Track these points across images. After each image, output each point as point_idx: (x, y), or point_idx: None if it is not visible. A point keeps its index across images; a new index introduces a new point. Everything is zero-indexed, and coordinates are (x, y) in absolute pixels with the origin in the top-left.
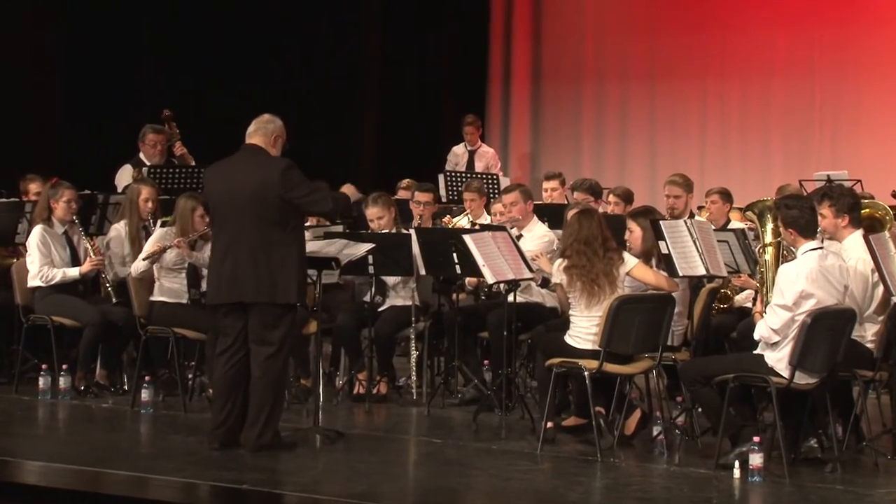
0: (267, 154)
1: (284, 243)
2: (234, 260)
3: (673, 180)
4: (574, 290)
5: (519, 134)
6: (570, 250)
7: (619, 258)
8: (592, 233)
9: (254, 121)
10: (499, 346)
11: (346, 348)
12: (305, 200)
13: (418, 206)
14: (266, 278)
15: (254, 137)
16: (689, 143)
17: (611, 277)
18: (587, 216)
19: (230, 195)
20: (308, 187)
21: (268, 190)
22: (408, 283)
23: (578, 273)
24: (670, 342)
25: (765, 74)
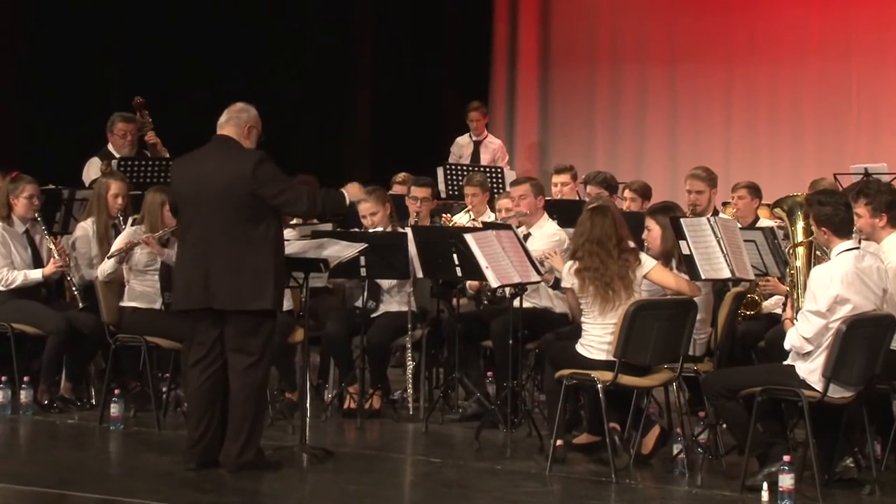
0: (239, 146)
1: (258, 243)
2: (203, 262)
3: (695, 174)
4: (586, 295)
5: (526, 123)
6: (581, 251)
7: (635, 260)
8: (606, 232)
9: (226, 110)
10: (503, 356)
11: (336, 358)
12: (278, 200)
13: (415, 203)
14: (237, 283)
15: (225, 128)
16: (713, 134)
17: (626, 281)
18: (600, 213)
19: (199, 191)
20: (281, 184)
21: (239, 185)
22: (403, 286)
23: (591, 277)
24: (692, 352)
25: (796, 57)
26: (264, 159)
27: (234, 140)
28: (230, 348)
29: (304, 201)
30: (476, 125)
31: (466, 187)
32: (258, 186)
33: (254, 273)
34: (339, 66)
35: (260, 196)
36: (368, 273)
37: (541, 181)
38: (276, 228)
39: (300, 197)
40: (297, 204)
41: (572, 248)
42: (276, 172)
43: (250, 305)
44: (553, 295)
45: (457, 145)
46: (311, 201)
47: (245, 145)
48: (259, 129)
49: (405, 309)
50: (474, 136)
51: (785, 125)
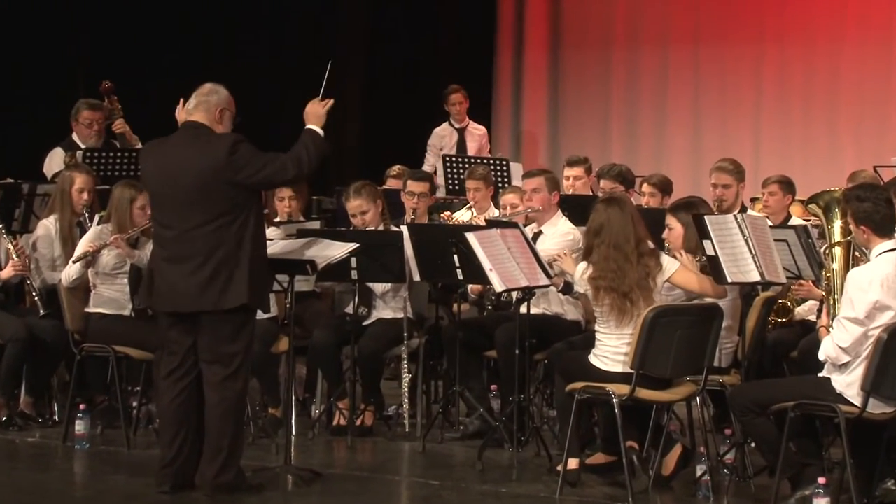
0: (210, 132)
1: (235, 239)
2: (174, 261)
3: (721, 167)
4: (601, 306)
5: (534, 112)
6: (596, 254)
7: (656, 265)
8: (624, 232)
9: (194, 94)
10: (509, 367)
11: (324, 370)
12: (260, 177)
13: (411, 198)
14: (211, 282)
15: (195, 113)
16: (740, 122)
17: (646, 290)
18: (616, 207)
19: (168, 183)
20: (260, 161)
21: (213, 174)
22: (399, 291)
23: (606, 287)
24: (717, 363)
25: (832, 38)
26: (238, 142)
27: (205, 126)
28: (205, 358)
29: (291, 167)
30: (458, 110)
31: (468, 181)
32: (236, 172)
33: (229, 270)
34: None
35: (239, 182)
36: (360, 276)
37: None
38: (255, 222)
39: (284, 165)
40: (284, 172)
41: (585, 246)
42: (253, 152)
43: (224, 304)
44: (563, 300)
45: (436, 137)
46: (296, 164)
47: (217, 130)
48: (232, 111)
49: (400, 315)
50: (456, 124)
51: (820, 113)
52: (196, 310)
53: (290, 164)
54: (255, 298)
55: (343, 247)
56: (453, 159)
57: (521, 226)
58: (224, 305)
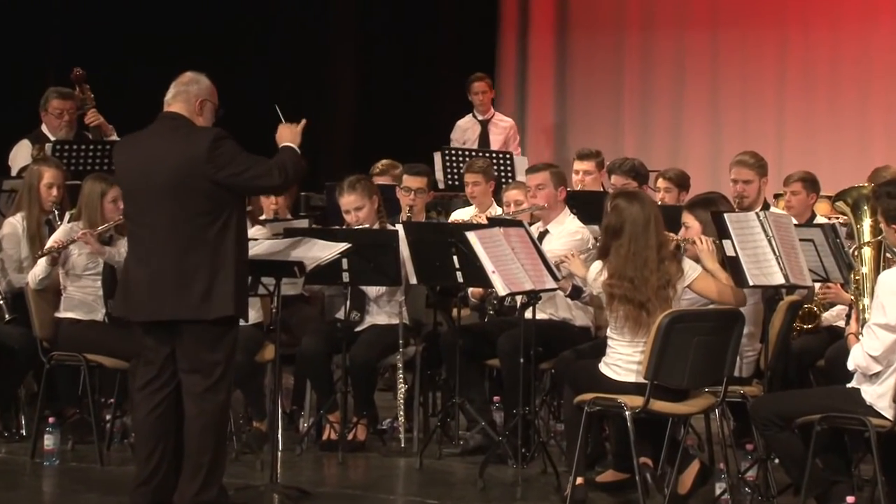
0: (190, 124)
1: (216, 241)
2: (150, 264)
3: (741, 160)
4: (615, 314)
5: (540, 101)
6: (613, 257)
7: (677, 270)
8: (646, 234)
9: (173, 83)
10: (513, 377)
11: (313, 380)
12: (244, 179)
13: (408, 195)
14: (190, 288)
15: (173, 104)
16: (762, 112)
17: (664, 300)
18: (638, 205)
19: (142, 178)
20: (245, 161)
21: (191, 170)
22: (394, 294)
23: (622, 296)
24: (738, 372)
25: (862, 22)
26: (221, 137)
27: (184, 117)
28: (184, 368)
29: (277, 174)
30: (482, 100)
31: (466, 174)
32: (216, 170)
33: (210, 276)
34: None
35: (219, 181)
36: (352, 278)
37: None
38: (238, 223)
39: (270, 170)
40: (270, 177)
41: (601, 245)
42: (236, 150)
43: (205, 314)
44: (571, 305)
45: (459, 130)
46: (282, 173)
47: (198, 123)
48: (214, 102)
49: (396, 321)
50: (480, 115)
51: (848, 102)
52: (174, 318)
53: (276, 171)
54: (240, 309)
55: (334, 247)
56: (453, 152)
57: (526, 224)
58: (206, 315)
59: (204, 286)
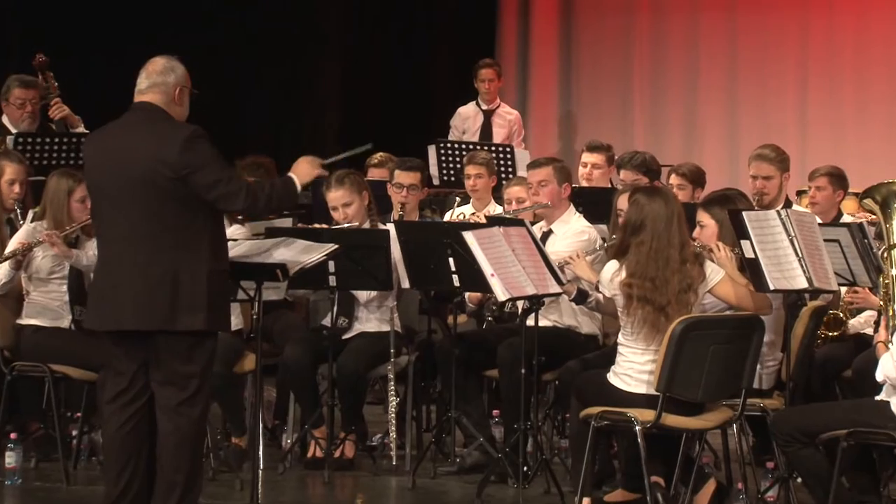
0: (165, 116)
1: (191, 243)
2: (117, 268)
3: (761, 154)
4: (631, 317)
5: (542, 90)
6: (633, 256)
7: (699, 273)
8: (669, 232)
9: (144, 69)
10: (514, 389)
11: (297, 392)
12: (210, 195)
13: (400, 191)
14: (162, 295)
15: (147, 93)
16: (783, 103)
17: (685, 306)
18: (660, 201)
19: (111, 174)
20: (216, 172)
21: (163, 166)
22: (384, 300)
23: (641, 297)
24: (757, 384)
25: (891, 3)
26: (196, 137)
27: (159, 109)
28: (157, 379)
29: (243, 198)
30: (488, 89)
31: (468, 167)
32: (188, 171)
33: (184, 284)
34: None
35: (189, 183)
36: (339, 282)
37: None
38: (215, 223)
39: (238, 193)
40: (234, 200)
41: (617, 243)
42: (211, 155)
43: (176, 324)
44: (577, 311)
45: (459, 117)
46: (250, 199)
47: (175, 114)
48: (189, 88)
49: (386, 329)
50: (484, 105)
51: (877, 91)
52: (140, 328)
53: (244, 195)
54: (214, 322)
55: (320, 248)
56: (449, 146)
57: (528, 224)
58: (176, 326)
59: (173, 295)
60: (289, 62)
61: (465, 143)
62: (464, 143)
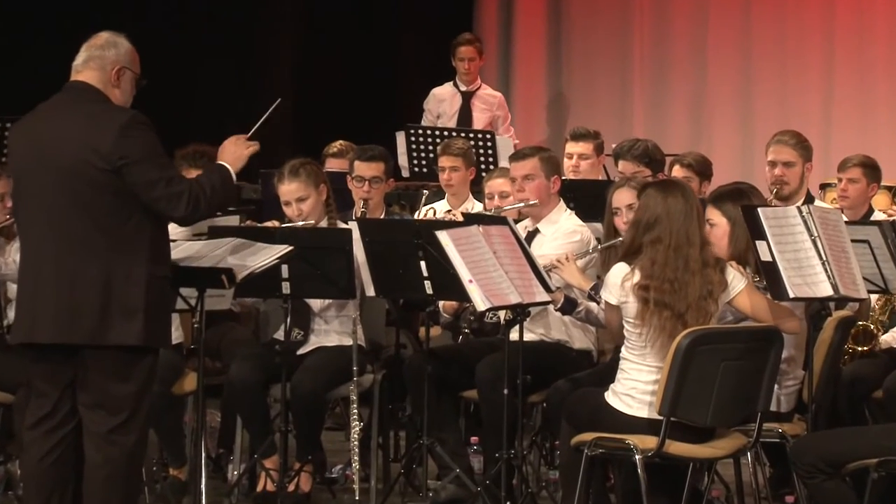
0: (102, 99)
1: (124, 246)
2: (39, 273)
3: (780, 140)
4: (646, 326)
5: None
6: (647, 257)
7: (721, 280)
8: (688, 230)
9: (84, 45)
10: (495, 413)
11: (245, 417)
12: (147, 196)
13: (361, 185)
14: (89, 305)
15: (84, 71)
16: (805, 84)
17: (704, 316)
18: (678, 196)
19: (36, 163)
20: (156, 170)
21: (95, 155)
22: (346, 309)
23: (659, 302)
24: (775, 406)
25: None
26: (136, 123)
27: (96, 89)
28: (86, 402)
29: (184, 204)
30: (468, 68)
31: (441, 157)
32: (119, 160)
33: (118, 289)
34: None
35: (123, 177)
36: (294, 290)
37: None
38: (155, 222)
39: (180, 197)
40: (175, 205)
41: (627, 242)
42: (151, 147)
43: (108, 338)
44: (569, 323)
45: (434, 100)
46: (191, 205)
47: (113, 97)
48: (135, 71)
49: (348, 343)
50: (463, 86)
51: None
52: (59, 341)
53: (185, 201)
54: (153, 336)
55: (271, 250)
56: (420, 132)
57: (512, 222)
58: (107, 340)
59: (104, 303)
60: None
61: (438, 128)
62: (437, 129)
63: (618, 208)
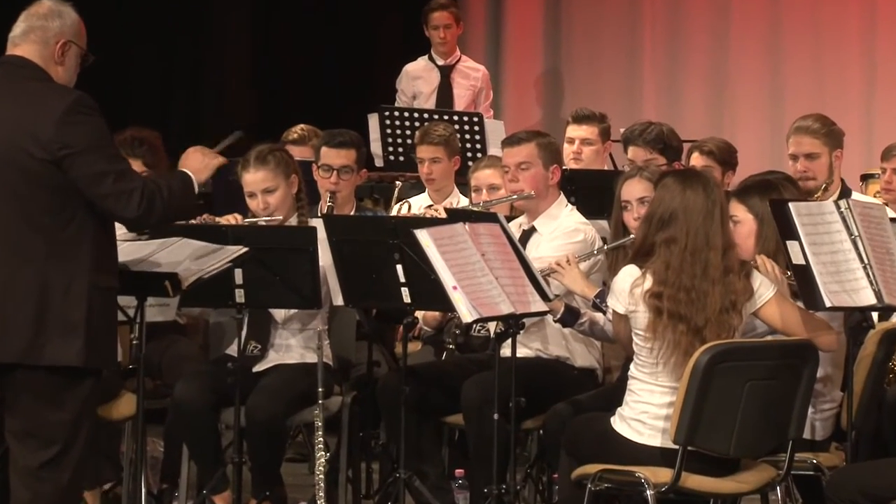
0: (41, 76)
1: (64, 251)
2: None
3: (802, 126)
4: (658, 341)
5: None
6: (661, 259)
7: (745, 288)
8: (708, 230)
9: (24, 13)
10: (484, 441)
11: (192, 446)
12: (93, 191)
13: (329, 175)
14: (20, 319)
15: (23, 44)
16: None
17: (726, 331)
18: (699, 188)
19: None
20: (104, 162)
21: (32, 146)
22: (311, 321)
23: (674, 314)
24: (809, 434)
25: None
26: (82, 107)
27: (36, 65)
28: (14, 430)
29: (135, 204)
30: (443, 38)
31: (419, 147)
32: (65, 153)
33: (55, 301)
34: None
35: (65, 169)
36: (249, 298)
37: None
38: (101, 223)
39: (131, 196)
40: (122, 205)
41: (638, 241)
42: (99, 137)
43: (42, 357)
44: (569, 337)
45: (407, 78)
46: (144, 205)
47: (56, 75)
48: (81, 46)
49: (313, 360)
50: (440, 59)
51: None
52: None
53: (137, 200)
54: (95, 356)
55: (223, 252)
56: (396, 115)
57: (503, 219)
58: (40, 359)
59: (39, 317)
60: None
61: (417, 110)
62: (416, 111)
63: (628, 202)
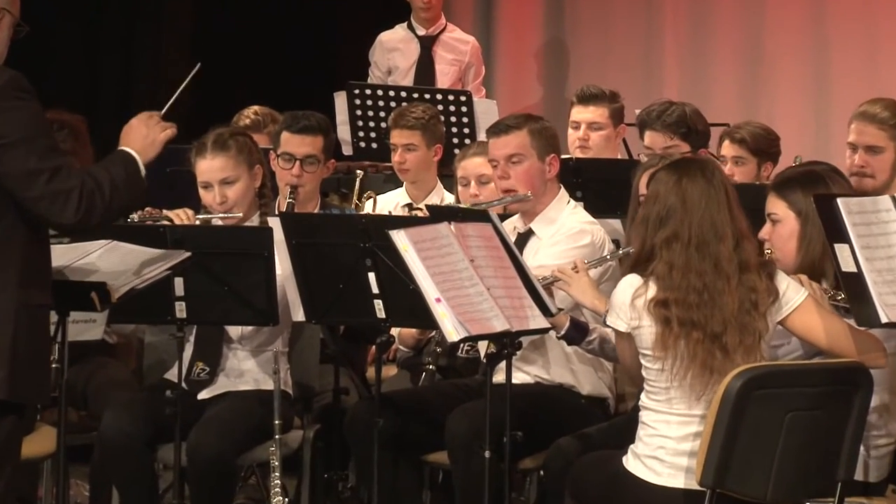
0: None
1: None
2: None
3: (867, 113)
4: (667, 356)
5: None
6: (662, 262)
7: (768, 288)
8: (715, 221)
9: None
10: (472, 483)
11: (123, 488)
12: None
13: (290, 166)
14: None
15: None
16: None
17: (751, 334)
18: (699, 177)
19: None
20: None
21: None
22: (266, 341)
23: (684, 321)
24: (861, 475)
25: None
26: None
27: None
28: None
29: (72, 207)
30: (427, 3)
31: (393, 131)
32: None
33: None
34: None
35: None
36: (192, 313)
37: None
38: (29, 232)
39: (68, 198)
40: (58, 208)
41: (638, 246)
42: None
43: None
44: (575, 357)
45: (382, 49)
46: (83, 208)
47: None
48: (14, 15)
49: (268, 387)
50: (421, 29)
51: None
52: None
53: (75, 202)
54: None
55: (163, 258)
56: (367, 93)
57: (496, 218)
58: None
59: None
60: None
61: (392, 87)
62: (391, 89)
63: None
